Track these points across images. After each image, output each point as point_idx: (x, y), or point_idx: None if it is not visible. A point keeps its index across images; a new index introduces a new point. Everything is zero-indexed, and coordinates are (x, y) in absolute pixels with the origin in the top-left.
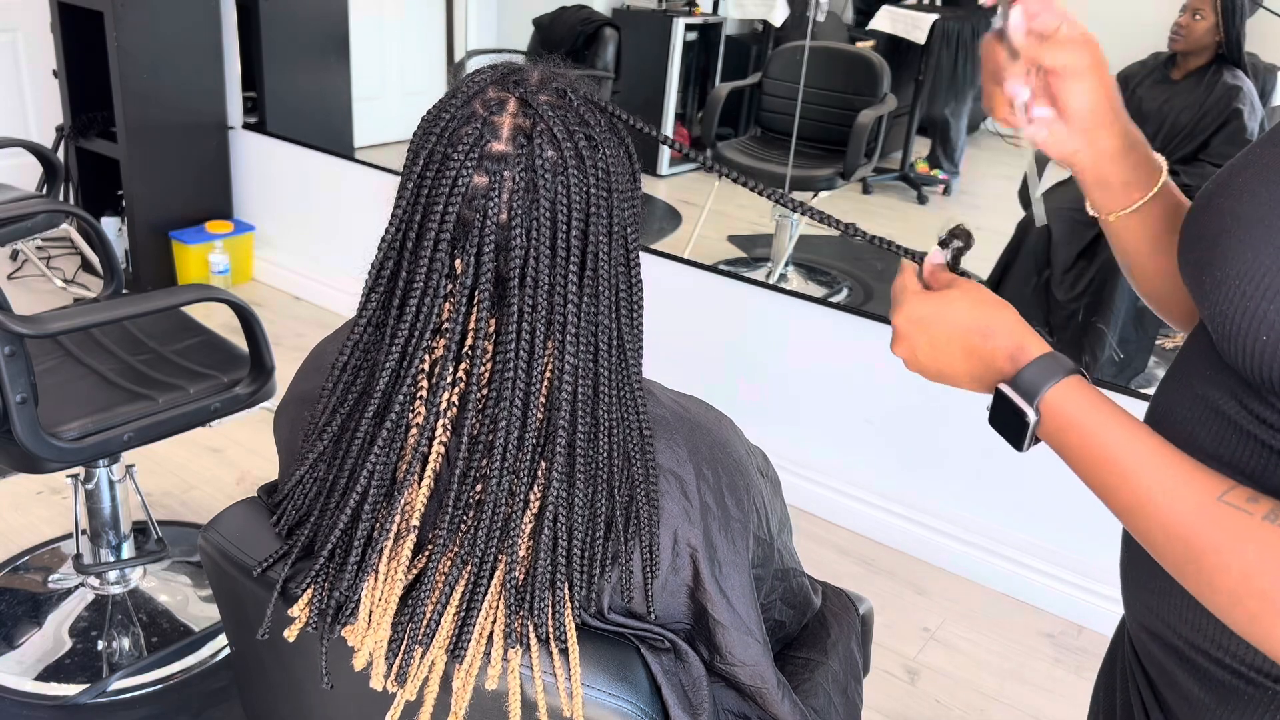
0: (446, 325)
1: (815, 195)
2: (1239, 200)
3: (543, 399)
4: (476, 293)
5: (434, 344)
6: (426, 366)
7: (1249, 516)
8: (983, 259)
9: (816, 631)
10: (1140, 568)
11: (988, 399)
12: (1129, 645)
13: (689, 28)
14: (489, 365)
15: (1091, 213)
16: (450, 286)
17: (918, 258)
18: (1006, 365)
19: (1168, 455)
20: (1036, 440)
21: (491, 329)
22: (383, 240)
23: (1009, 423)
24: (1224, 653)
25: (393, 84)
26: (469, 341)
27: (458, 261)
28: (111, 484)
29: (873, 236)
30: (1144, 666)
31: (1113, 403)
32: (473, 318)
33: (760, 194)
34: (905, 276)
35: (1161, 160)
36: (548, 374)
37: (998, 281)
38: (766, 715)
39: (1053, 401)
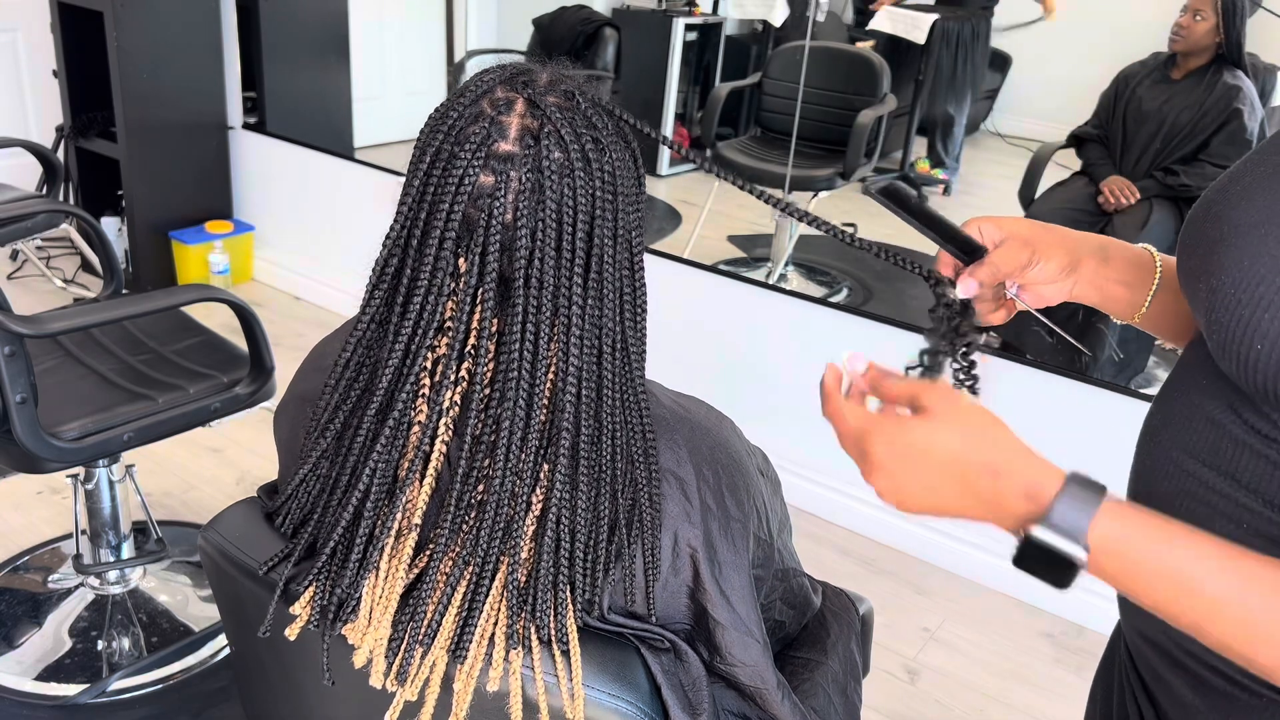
0: (449, 324)
1: (815, 195)
2: (1236, 207)
3: (546, 400)
4: (480, 292)
5: (437, 342)
6: (429, 365)
7: None
8: None
9: (816, 631)
10: None
11: (986, 399)
12: (1125, 653)
13: (689, 28)
14: (492, 365)
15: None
16: (454, 285)
17: (922, 270)
18: (1025, 506)
19: (1233, 559)
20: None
21: (494, 329)
22: (387, 237)
23: (1048, 564)
24: (1219, 660)
25: (393, 84)
26: (472, 341)
27: (462, 260)
28: (111, 484)
29: (878, 248)
30: (1139, 671)
31: (1157, 515)
32: (476, 317)
33: (761, 199)
34: (852, 400)
35: (1149, 250)
36: (551, 375)
37: None
38: (766, 715)
39: (1102, 535)
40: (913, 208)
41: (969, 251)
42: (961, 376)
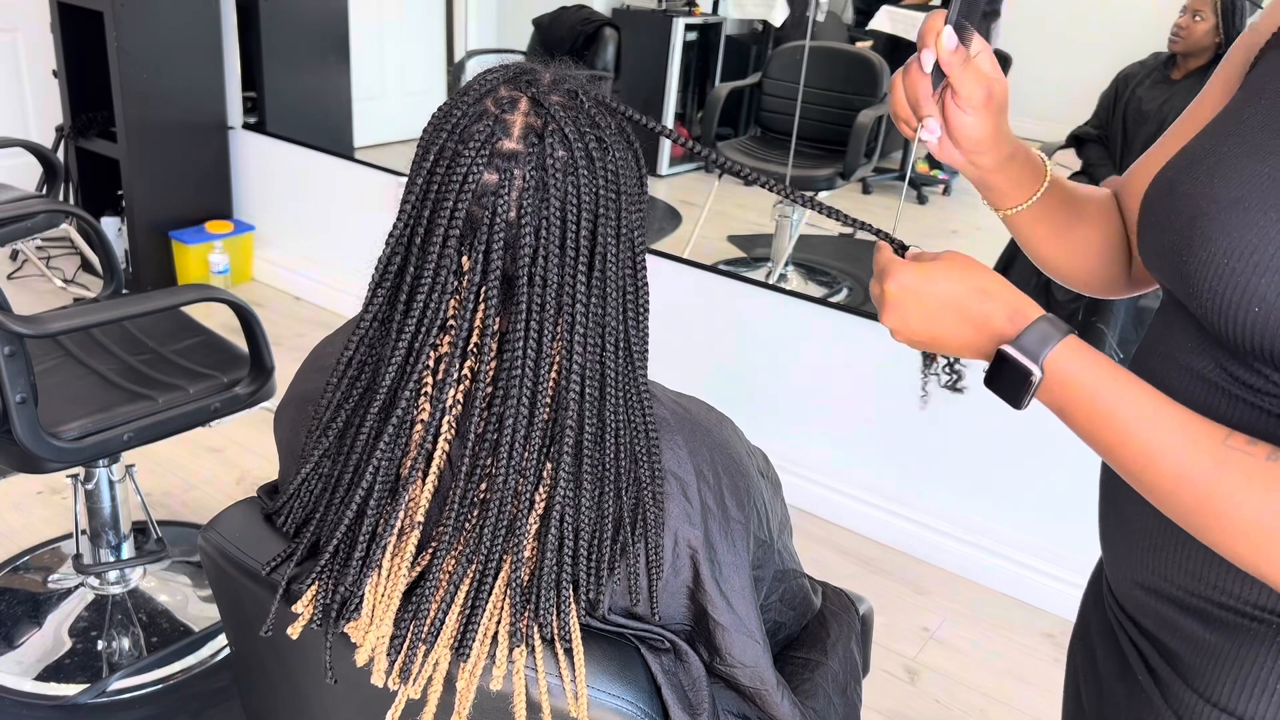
0: (452, 322)
1: (815, 195)
2: (1210, 184)
3: (549, 398)
4: (483, 290)
5: (440, 340)
6: (432, 363)
7: (1252, 458)
8: (983, 259)
9: (816, 632)
10: (1129, 525)
11: (987, 400)
12: (1114, 603)
13: (689, 28)
14: (494, 363)
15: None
16: (457, 283)
17: (884, 235)
18: (1006, 327)
19: (1169, 407)
20: (1032, 399)
21: (497, 327)
22: (391, 235)
23: (1009, 383)
24: (1227, 595)
25: (393, 84)
26: (475, 339)
27: (465, 258)
28: (111, 484)
29: (872, 227)
30: (1136, 619)
31: (1112, 361)
32: (479, 315)
33: (765, 187)
34: (883, 251)
35: (1045, 160)
36: (554, 373)
37: None
38: (766, 716)
39: (1056, 360)
40: None
41: (963, 34)
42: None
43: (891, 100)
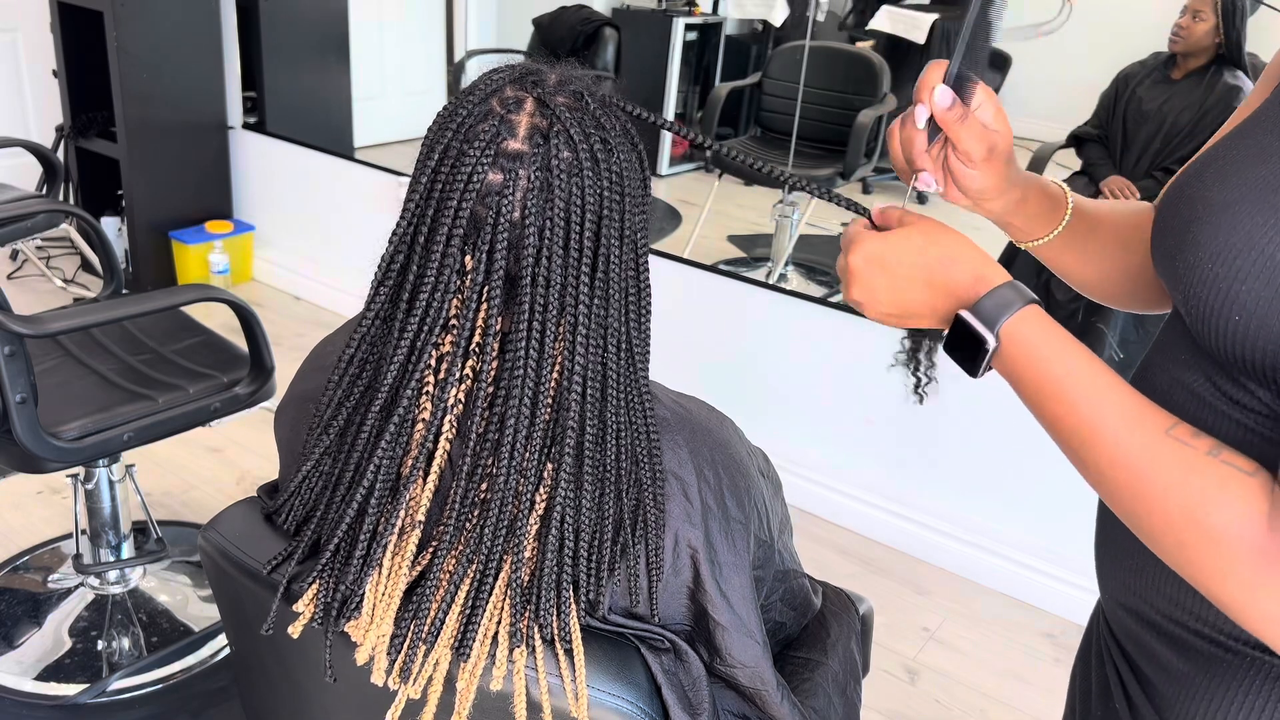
0: (455, 321)
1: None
2: (1210, 189)
3: (550, 399)
4: (486, 290)
5: (442, 339)
6: (434, 362)
7: (1193, 450)
8: None
9: (816, 632)
10: (1116, 545)
11: (987, 400)
12: (1104, 623)
13: (689, 28)
14: (496, 363)
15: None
16: (460, 282)
17: (862, 210)
18: (968, 292)
19: (1118, 388)
20: (990, 368)
21: (500, 327)
22: (394, 234)
23: (966, 349)
24: (1202, 623)
25: (393, 84)
26: (477, 338)
27: (469, 258)
28: (111, 484)
29: (836, 195)
30: (1120, 642)
31: (1070, 335)
32: (481, 314)
33: (766, 172)
34: (855, 224)
35: (1065, 191)
36: (556, 374)
37: None
38: (766, 716)
39: (1012, 329)
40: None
41: (962, 88)
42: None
43: (889, 149)
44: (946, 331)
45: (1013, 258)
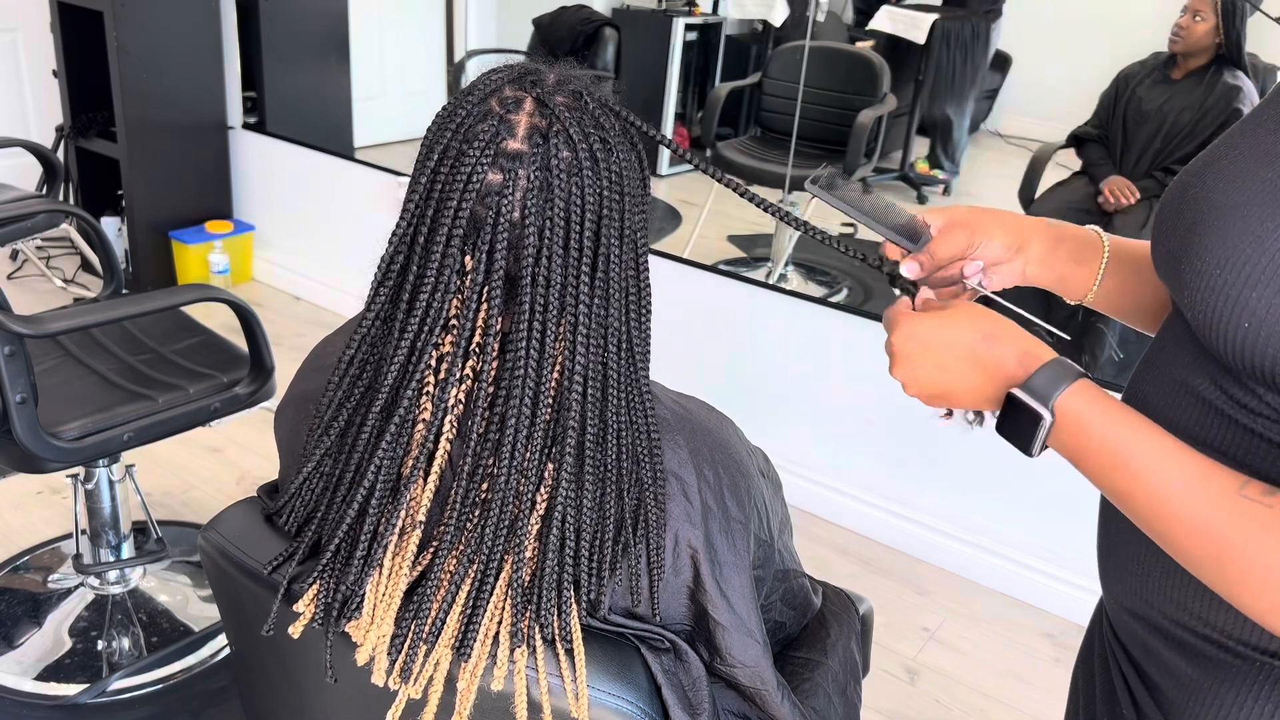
0: (455, 321)
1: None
2: (1213, 190)
3: (551, 399)
4: (486, 290)
5: (442, 340)
6: (434, 362)
7: (1270, 510)
8: None
9: (816, 631)
10: (1121, 550)
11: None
12: (1109, 628)
13: (689, 28)
14: (496, 363)
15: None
16: (460, 282)
17: (873, 261)
18: (1016, 370)
19: (1184, 453)
20: (1045, 446)
21: (500, 327)
22: (394, 234)
23: (1020, 427)
24: (1210, 628)
25: (393, 84)
26: (477, 338)
27: (468, 258)
28: (111, 484)
29: (851, 249)
30: (1126, 647)
31: (1124, 404)
32: (481, 314)
33: (756, 204)
34: (899, 304)
35: (1100, 235)
36: (556, 374)
37: None
38: (766, 716)
39: (1067, 404)
40: (849, 197)
41: (913, 237)
42: None
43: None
44: (999, 413)
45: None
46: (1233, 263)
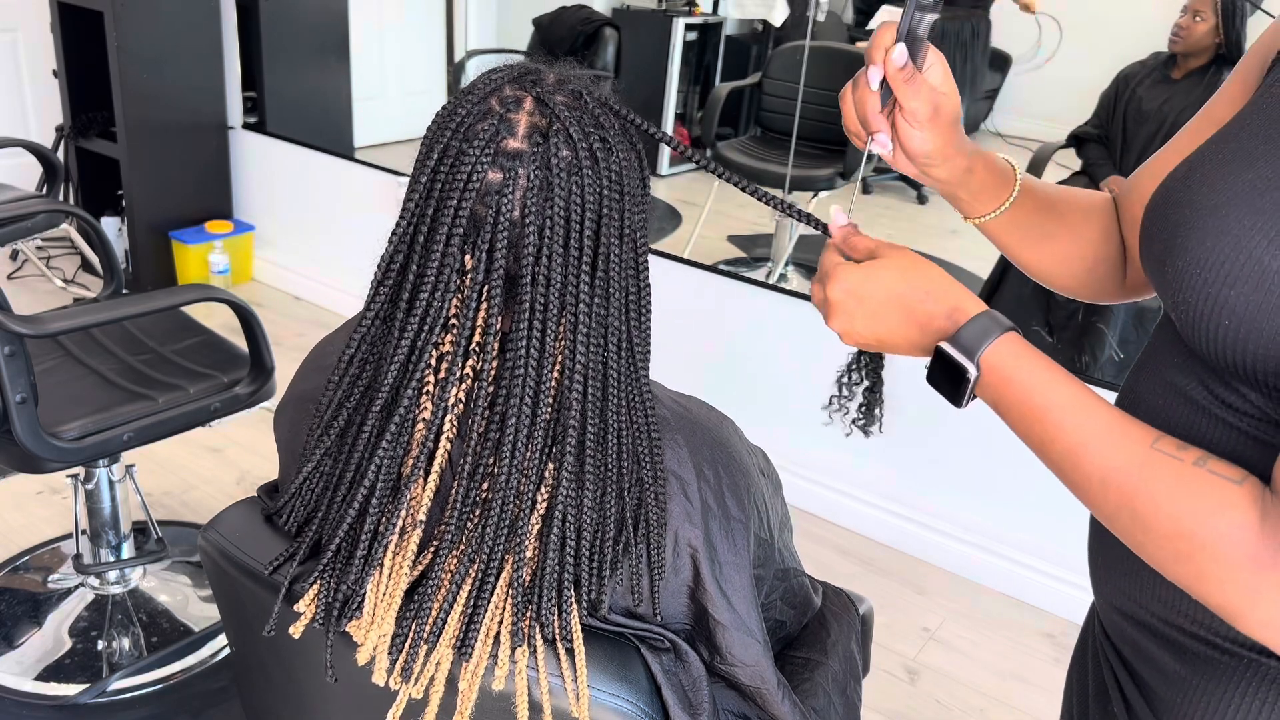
0: (455, 321)
1: (815, 195)
2: (1196, 192)
3: (551, 398)
4: (486, 289)
5: (442, 339)
6: (434, 361)
7: (1180, 463)
8: (983, 259)
9: (816, 631)
10: (1110, 550)
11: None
12: (1099, 627)
13: (689, 28)
14: (496, 362)
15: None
16: (460, 282)
17: (818, 224)
18: (945, 323)
19: (1100, 408)
20: (974, 397)
21: (500, 326)
22: (394, 234)
23: (948, 380)
24: (1198, 626)
25: (393, 84)
26: (477, 338)
27: (468, 257)
28: (111, 484)
29: (778, 202)
30: (1116, 646)
31: (1049, 359)
32: (481, 314)
33: (759, 198)
34: (828, 252)
35: (1014, 168)
36: (556, 373)
37: (998, 280)
38: (766, 715)
39: (992, 357)
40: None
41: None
42: None
43: (842, 112)
44: (928, 364)
45: (1003, 273)
46: (1213, 262)
